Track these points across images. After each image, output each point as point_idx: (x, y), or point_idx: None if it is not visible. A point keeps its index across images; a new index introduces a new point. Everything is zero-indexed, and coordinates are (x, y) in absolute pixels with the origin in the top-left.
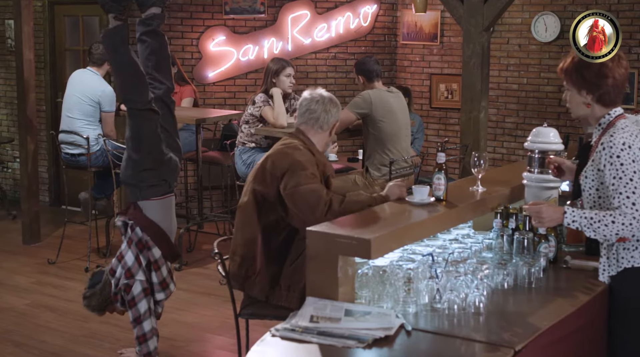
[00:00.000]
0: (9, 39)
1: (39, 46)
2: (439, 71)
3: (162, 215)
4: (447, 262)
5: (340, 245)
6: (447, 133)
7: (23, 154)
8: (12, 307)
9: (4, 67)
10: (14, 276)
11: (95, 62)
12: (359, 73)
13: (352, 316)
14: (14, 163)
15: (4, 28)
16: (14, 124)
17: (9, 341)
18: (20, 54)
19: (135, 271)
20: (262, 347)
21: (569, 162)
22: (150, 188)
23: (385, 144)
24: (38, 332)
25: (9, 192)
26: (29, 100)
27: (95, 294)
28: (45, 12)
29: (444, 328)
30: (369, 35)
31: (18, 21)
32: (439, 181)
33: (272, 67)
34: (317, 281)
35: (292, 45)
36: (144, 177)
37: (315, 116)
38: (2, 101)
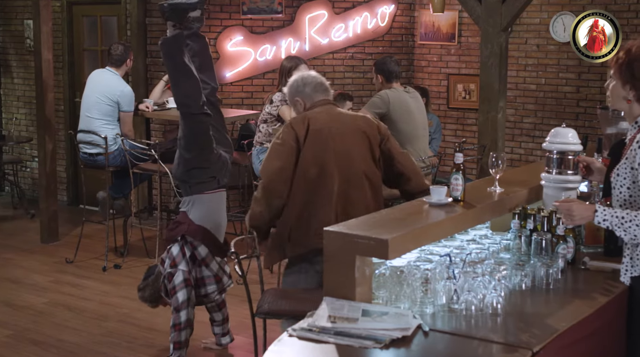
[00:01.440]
0: (28, 39)
1: (58, 46)
2: (457, 71)
3: (211, 209)
4: (465, 262)
5: (358, 245)
6: (464, 133)
7: (42, 153)
8: (30, 306)
9: (23, 67)
10: (32, 274)
11: (114, 63)
12: (378, 72)
13: (370, 316)
14: (32, 162)
15: (23, 28)
16: (33, 124)
17: (27, 339)
18: (39, 54)
19: (179, 260)
20: (279, 347)
21: (599, 163)
22: (199, 184)
23: (403, 144)
24: (56, 331)
25: (28, 191)
26: (47, 100)
27: (148, 285)
28: (63, 12)
29: (462, 329)
30: (387, 36)
31: (37, 21)
32: (457, 181)
33: (286, 65)
34: (335, 281)
35: (310, 45)
36: (194, 174)
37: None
38: (21, 101)
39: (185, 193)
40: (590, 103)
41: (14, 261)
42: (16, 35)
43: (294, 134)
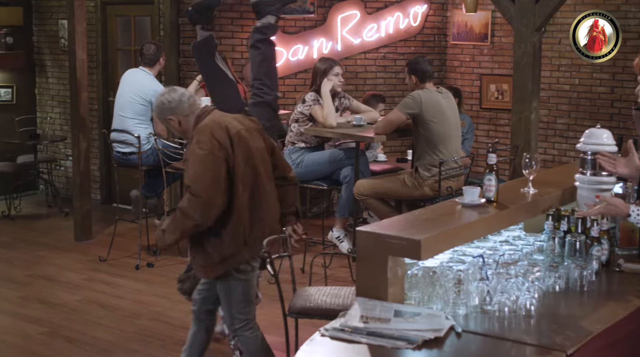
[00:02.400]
0: (62, 38)
1: (92, 46)
2: (489, 71)
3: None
4: (498, 264)
5: (390, 245)
6: (497, 134)
7: (75, 152)
8: (64, 303)
9: (57, 67)
10: (66, 272)
11: (147, 62)
12: (411, 72)
13: (402, 316)
14: (66, 161)
15: (58, 28)
16: (67, 123)
17: (61, 336)
18: (73, 53)
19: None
20: (311, 346)
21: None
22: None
23: (435, 145)
24: (89, 328)
25: (62, 190)
26: (81, 100)
27: (188, 278)
28: (97, 12)
29: (495, 330)
30: (419, 36)
31: (71, 21)
32: (490, 182)
33: (320, 66)
34: (367, 281)
35: (342, 45)
36: None
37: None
38: (55, 100)
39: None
40: (625, 104)
41: (48, 259)
42: (51, 35)
43: (217, 142)
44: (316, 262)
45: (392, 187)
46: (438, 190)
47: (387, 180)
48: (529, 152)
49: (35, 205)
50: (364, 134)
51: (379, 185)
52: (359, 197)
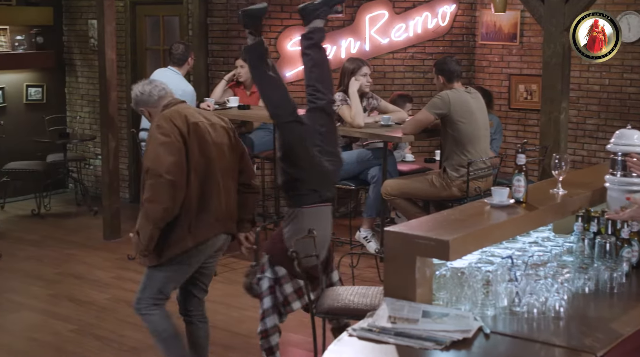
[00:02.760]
0: (92, 38)
1: (121, 46)
2: (518, 72)
3: (309, 224)
4: (527, 265)
5: (418, 246)
6: (525, 134)
7: (104, 151)
8: (93, 302)
9: (87, 66)
10: (95, 270)
11: (176, 62)
12: (439, 73)
13: (430, 317)
14: (95, 160)
15: (87, 28)
16: (96, 122)
17: (90, 334)
18: (102, 53)
19: (266, 268)
20: (339, 346)
21: None
22: (299, 197)
23: (464, 145)
24: (118, 326)
25: (91, 188)
26: (110, 99)
27: (250, 274)
28: (127, 12)
29: (523, 332)
30: (447, 35)
31: (101, 21)
32: (519, 182)
33: (348, 66)
34: (395, 282)
35: (370, 45)
36: (293, 186)
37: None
38: (84, 99)
39: (287, 205)
40: None
41: (78, 257)
42: (80, 35)
43: (177, 129)
44: (343, 262)
45: (420, 188)
46: (466, 190)
47: (414, 180)
48: (558, 153)
49: (65, 203)
50: (391, 134)
51: (406, 185)
52: (387, 198)
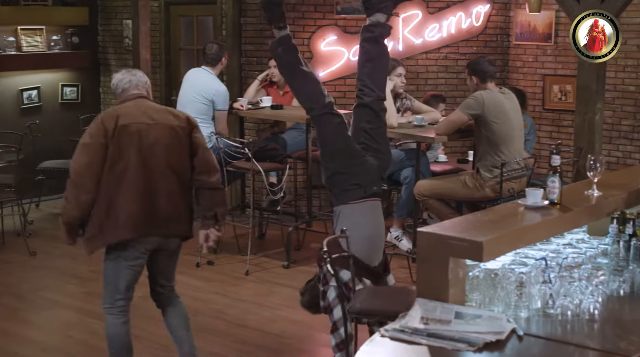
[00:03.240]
0: (127, 38)
1: (155, 45)
2: (553, 72)
3: (357, 219)
4: (561, 267)
5: (452, 247)
6: (559, 135)
7: None
8: None
9: (121, 66)
10: None
11: (209, 62)
12: (472, 73)
13: (463, 318)
14: None
15: (122, 28)
16: None
17: None
18: (137, 53)
19: (329, 277)
20: (371, 347)
21: None
22: (343, 193)
23: (497, 146)
24: (149, 324)
25: None
26: None
27: (307, 290)
28: (161, 12)
29: (557, 334)
30: (481, 36)
31: (135, 21)
32: (553, 183)
33: None
34: (428, 282)
35: (403, 45)
36: (336, 181)
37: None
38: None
39: (333, 203)
40: None
41: None
42: (115, 35)
43: (104, 130)
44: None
45: (453, 188)
46: (499, 191)
47: (447, 181)
48: (593, 154)
49: None
50: (425, 134)
51: (439, 186)
52: (420, 198)
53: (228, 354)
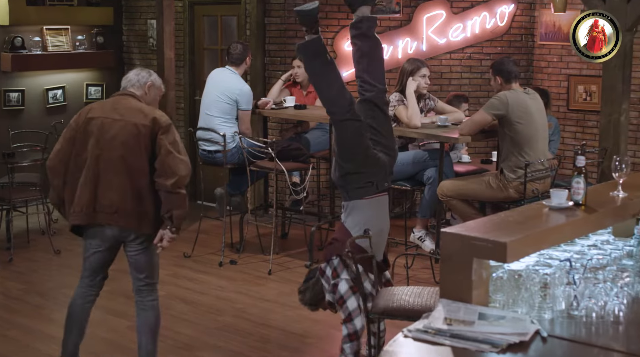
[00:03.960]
0: (151, 38)
1: (179, 45)
2: (578, 72)
3: (369, 214)
4: (586, 268)
5: (475, 247)
6: (584, 136)
7: None
8: None
9: (145, 66)
10: None
11: (233, 62)
12: (496, 74)
13: (486, 319)
14: None
15: (147, 28)
16: None
17: None
18: (161, 52)
19: (340, 270)
20: (394, 347)
21: None
22: (356, 190)
23: (521, 146)
24: (172, 323)
25: None
26: (168, 98)
27: (308, 288)
28: (185, 12)
29: (581, 336)
30: (506, 36)
31: (160, 21)
32: (578, 184)
33: (407, 67)
34: (451, 283)
35: (427, 45)
36: (349, 180)
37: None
38: None
39: (344, 198)
40: None
41: None
42: (140, 35)
43: (76, 121)
44: (398, 263)
45: (477, 189)
46: (523, 192)
47: (471, 181)
48: (618, 155)
49: None
50: (448, 134)
51: (463, 186)
52: (443, 198)
53: (250, 354)
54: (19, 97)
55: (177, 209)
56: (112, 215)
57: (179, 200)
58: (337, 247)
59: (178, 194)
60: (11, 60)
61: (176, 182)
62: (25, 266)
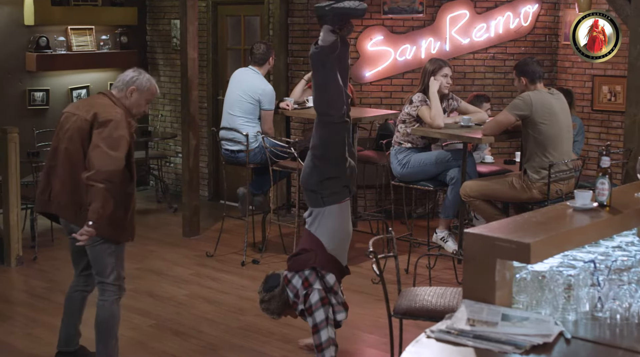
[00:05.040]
0: (175, 38)
1: (202, 45)
2: (602, 73)
3: (340, 219)
4: (610, 270)
5: (499, 248)
6: (609, 136)
7: (185, 149)
8: (172, 297)
9: (169, 66)
10: (174, 267)
11: (256, 62)
12: (520, 74)
13: (509, 320)
14: (176, 158)
15: (170, 28)
16: (177, 121)
17: (169, 329)
18: (185, 52)
19: (312, 280)
20: (416, 348)
21: None
22: (333, 195)
23: (545, 147)
24: (196, 322)
25: (171, 186)
26: (192, 98)
27: (274, 297)
28: (209, 12)
29: (605, 338)
30: (529, 36)
31: (183, 21)
32: (603, 185)
33: (429, 67)
34: (474, 284)
35: (450, 45)
36: (328, 185)
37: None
38: (166, 98)
39: (316, 204)
40: None
41: (157, 254)
42: (163, 35)
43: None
44: (420, 264)
45: (500, 189)
46: (547, 193)
47: (494, 182)
48: None
49: (146, 200)
50: (471, 135)
51: (486, 187)
52: (466, 199)
53: (273, 353)
54: (43, 97)
55: (93, 202)
56: (57, 205)
57: (94, 193)
58: (308, 258)
59: (93, 187)
60: (36, 60)
61: (92, 175)
62: (49, 265)
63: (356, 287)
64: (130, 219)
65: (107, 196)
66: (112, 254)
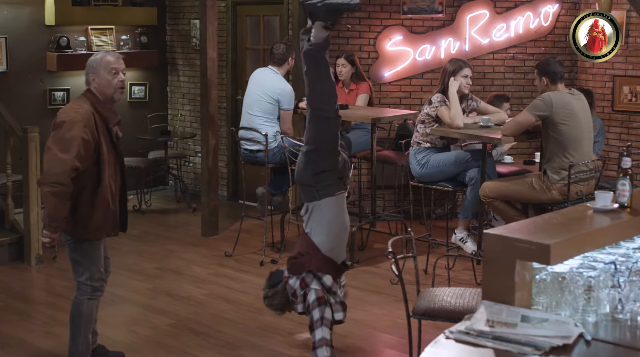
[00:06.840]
0: (194, 38)
1: (222, 45)
2: (623, 73)
3: (336, 211)
4: (631, 271)
5: (518, 249)
6: (629, 137)
7: (204, 149)
8: (190, 297)
9: (188, 66)
10: (193, 266)
11: (276, 62)
12: (542, 74)
13: (529, 322)
14: (195, 158)
15: (190, 28)
16: (197, 120)
17: (187, 329)
18: (204, 52)
19: (309, 281)
20: (435, 348)
21: None
22: (328, 187)
23: (565, 148)
24: (214, 322)
25: (190, 185)
26: (211, 98)
27: (277, 293)
28: (228, 12)
29: (626, 340)
30: (550, 36)
31: (203, 21)
32: (624, 186)
33: (449, 67)
34: (494, 285)
35: (470, 45)
36: (323, 177)
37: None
38: (185, 98)
39: (312, 198)
40: None
41: (176, 253)
42: (183, 35)
43: None
44: (439, 264)
45: (519, 190)
46: (567, 194)
47: (514, 182)
48: None
49: (165, 200)
50: (491, 135)
51: (505, 187)
52: (485, 200)
53: (291, 353)
54: (64, 97)
55: (45, 206)
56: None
57: (42, 197)
58: (304, 261)
59: (45, 193)
60: (56, 60)
61: (40, 179)
62: (69, 264)
63: (375, 287)
64: (103, 218)
65: (54, 198)
66: (83, 254)
